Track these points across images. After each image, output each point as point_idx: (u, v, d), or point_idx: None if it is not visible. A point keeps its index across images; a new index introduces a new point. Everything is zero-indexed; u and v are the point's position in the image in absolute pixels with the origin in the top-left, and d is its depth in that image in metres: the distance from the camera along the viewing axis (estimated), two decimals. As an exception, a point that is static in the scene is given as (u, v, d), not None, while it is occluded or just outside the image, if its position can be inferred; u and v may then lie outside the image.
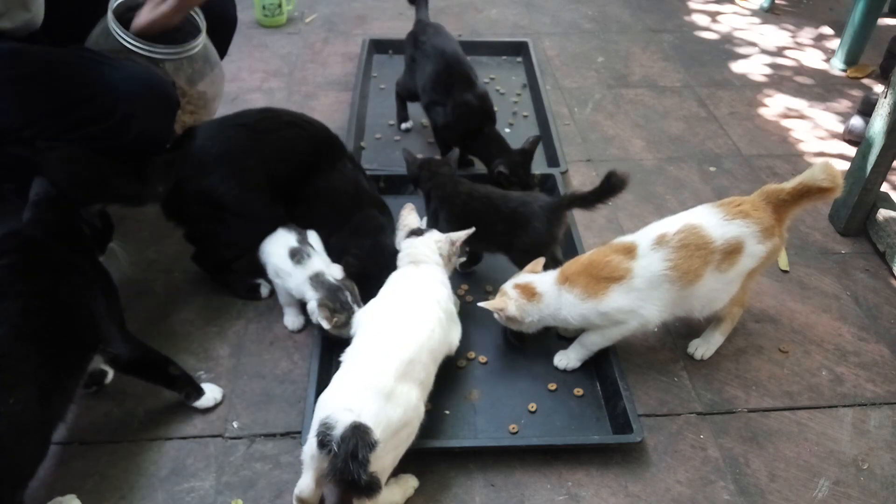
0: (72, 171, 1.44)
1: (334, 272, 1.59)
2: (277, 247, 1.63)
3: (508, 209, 1.68)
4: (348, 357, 1.34)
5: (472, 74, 2.07)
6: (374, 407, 1.19)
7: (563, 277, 1.53)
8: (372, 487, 1.14)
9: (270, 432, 1.46)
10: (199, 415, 1.49)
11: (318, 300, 1.52)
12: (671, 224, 1.52)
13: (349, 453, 1.11)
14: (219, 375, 1.58)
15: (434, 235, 1.60)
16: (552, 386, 1.57)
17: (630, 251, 1.51)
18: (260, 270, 1.69)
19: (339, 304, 1.51)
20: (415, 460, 1.34)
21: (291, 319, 1.69)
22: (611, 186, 1.58)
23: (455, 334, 1.52)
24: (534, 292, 1.53)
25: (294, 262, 1.59)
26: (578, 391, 1.56)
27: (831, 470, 1.44)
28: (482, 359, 1.63)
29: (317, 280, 1.56)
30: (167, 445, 1.43)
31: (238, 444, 1.44)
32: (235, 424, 1.48)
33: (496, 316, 1.57)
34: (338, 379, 1.29)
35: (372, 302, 1.47)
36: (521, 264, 1.66)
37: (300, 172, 1.70)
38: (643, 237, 1.53)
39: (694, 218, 1.52)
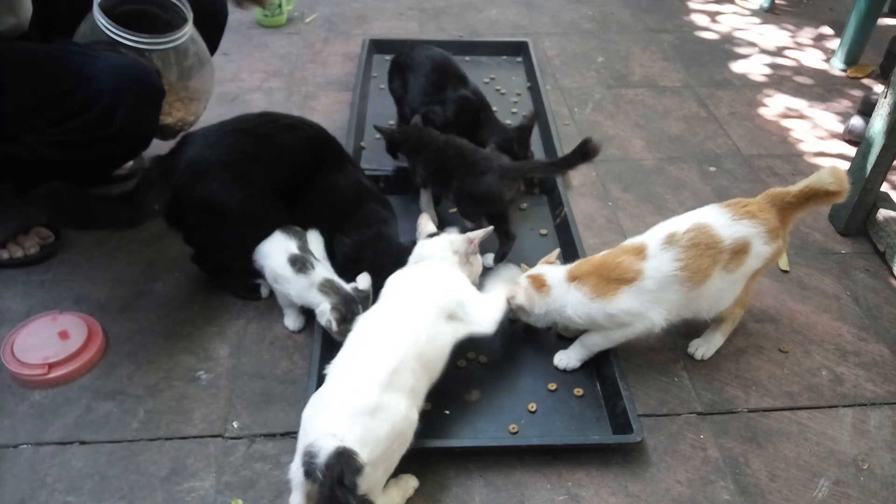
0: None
1: (361, 282, 1.60)
2: (275, 251, 1.62)
3: (473, 160, 1.81)
4: (332, 370, 1.30)
5: (463, 72, 2.17)
6: (359, 429, 1.14)
7: (572, 276, 1.53)
8: None
9: (270, 432, 1.46)
10: (199, 415, 1.49)
11: (333, 304, 1.52)
12: (680, 223, 1.52)
13: (335, 481, 1.07)
14: (219, 375, 1.57)
15: (450, 236, 1.59)
16: (552, 386, 1.57)
17: (640, 252, 1.50)
18: (259, 271, 1.69)
19: (351, 314, 1.50)
20: (415, 460, 1.33)
21: (292, 320, 1.68)
22: (585, 151, 1.66)
23: (475, 317, 1.45)
24: (543, 284, 1.53)
25: (295, 270, 1.58)
26: (578, 391, 1.56)
27: (831, 470, 1.44)
28: (482, 359, 1.63)
29: (330, 286, 1.56)
30: (167, 445, 1.43)
31: (238, 444, 1.44)
32: (235, 424, 1.48)
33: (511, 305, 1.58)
34: (319, 397, 1.24)
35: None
36: (465, 213, 1.84)
37: (301, 175, 1.70)
38: (652, 237, 1.52)
39: (702, 217, 1.52)
